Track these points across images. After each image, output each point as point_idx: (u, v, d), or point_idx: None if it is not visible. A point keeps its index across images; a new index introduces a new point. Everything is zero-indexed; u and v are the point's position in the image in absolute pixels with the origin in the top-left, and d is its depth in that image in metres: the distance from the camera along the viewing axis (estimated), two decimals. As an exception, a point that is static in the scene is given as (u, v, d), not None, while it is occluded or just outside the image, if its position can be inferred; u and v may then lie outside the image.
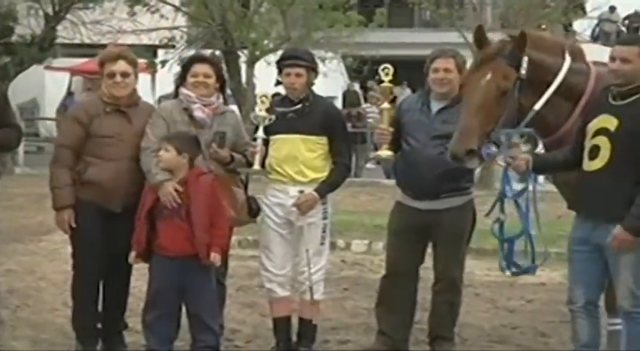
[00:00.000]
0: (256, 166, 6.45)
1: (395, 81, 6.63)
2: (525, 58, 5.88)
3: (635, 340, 5.70)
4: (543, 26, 21.30)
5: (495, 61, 5.93)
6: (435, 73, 6.49)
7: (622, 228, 5.48)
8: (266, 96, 6.52)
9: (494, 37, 15.27)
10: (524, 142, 6.28)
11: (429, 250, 6.81)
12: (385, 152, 6.46)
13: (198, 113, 6.46)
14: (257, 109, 6.47)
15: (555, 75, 5.97)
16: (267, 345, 7.01)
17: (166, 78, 17.22)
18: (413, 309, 6.78)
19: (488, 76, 5.90)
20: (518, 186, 6.27)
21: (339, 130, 6.83)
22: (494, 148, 5.92)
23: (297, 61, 6.68)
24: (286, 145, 6.53)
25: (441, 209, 6.49)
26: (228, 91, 20.66)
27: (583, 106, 5.94)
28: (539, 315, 8.26)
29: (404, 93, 26.41)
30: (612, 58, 5.59)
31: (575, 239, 5.87)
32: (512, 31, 6.39)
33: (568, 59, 6.05)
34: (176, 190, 6.20)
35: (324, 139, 6.62)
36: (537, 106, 5.92)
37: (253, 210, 6.70)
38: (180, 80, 6.65)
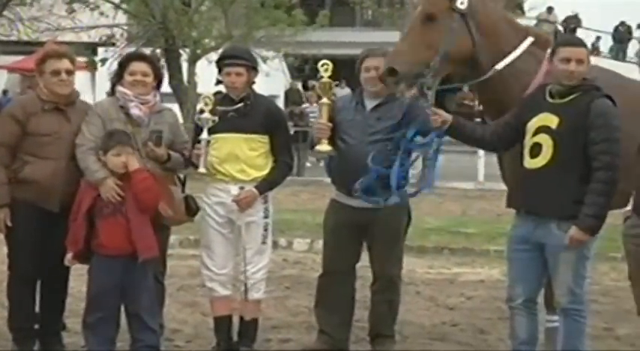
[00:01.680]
0: (202, 169, 6.41)
1: (334, 78, 6.63)
2: None
3: (572, 336, 5.75)
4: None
5: None
6: (367, 72, 6.49)
7: (577, 228, 5.52)
8: (209, 97, 6.47)
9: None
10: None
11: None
12: (324, 147, 6.42)
13: (135, 111, 6.39)
14: (199, 108, 6.44)
15: (513, 48, 6.10)
16: (207, 344, 6.97)
17: (106, 76, 17.06)
18: (352, 307, 6.79)
19: (421, 6, 6.15)
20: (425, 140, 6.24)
21: (281, 129, 6.82)
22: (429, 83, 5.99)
23: (237, 60, 6.65)
24: (228, 144, 6.50)
25: (377, 207, 6.50)
26: (170, 90, 20.76)
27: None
28: (479, 312, 8.32)
29: (343, 92, 26.50)
30: (567, 60, 5.61)
31: (515, 237, 5.91)
32: None
33: (529, 40, 6.15)
34: (118, 186, 6.15)
35: (265, 138, 6.59)
36: (499, 66, 5.99)
37: (191, 209, 6.65)
38: (117, 78, 6.57)
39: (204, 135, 6.41)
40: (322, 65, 6.46)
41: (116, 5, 22.17)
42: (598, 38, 32.58)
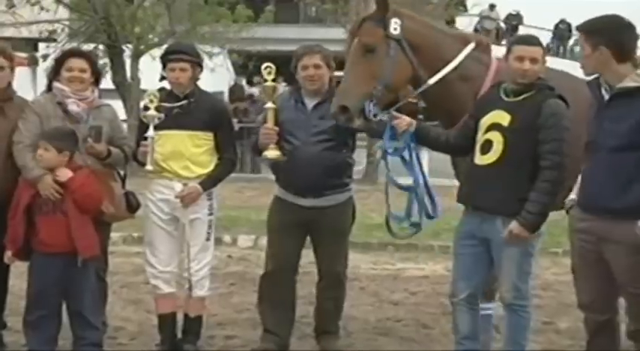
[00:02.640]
0: (149, 166, 6.38)
1: (279, 75, 6.60)
2: (395, 19, 6.13)
3: (517, 331, 5.80)
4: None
5: (363, 23, 6.23)
6: (305, 70, 6.49)
7: (518, 224, 5.56)
8: (154, 94, 6.42)
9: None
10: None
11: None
12: (273, 153, 6.36)
13: (73, 107, 6.36)
14: (143, 105, 6.40)
15: (453, 56, 6.16)
16: (151, 342, 6.93)
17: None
18: (294, 304, 6.80)
19: (357, 37, 6.18)
20: (395, 144, 6.17)
21: (225, 126, 6.81)
22: (375, 110, 6.05)
23: (182, 55, 6.61)
24: (172, 140, 6.46)
25: (324, 206, 6.51)
26: (113, 86, 20.61)
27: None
28: (422, 307, 8.37)
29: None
30: (521, 58, 5.64)
31: (461, 233, 5.94)
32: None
33: (470, 47, 6.21)
34: (57, 183, 6.08)
35: (209, 135, 6.58)
36: (431, 81, 6.05)
37: (132, 205, 6.63)
38: (54, 74, 6.52)
39: (151, 132, 6.36)
40: (265, 68, 6.43)
41: (57, 1, 21.94)
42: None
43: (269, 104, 6.38)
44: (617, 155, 5.15)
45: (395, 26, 6.13)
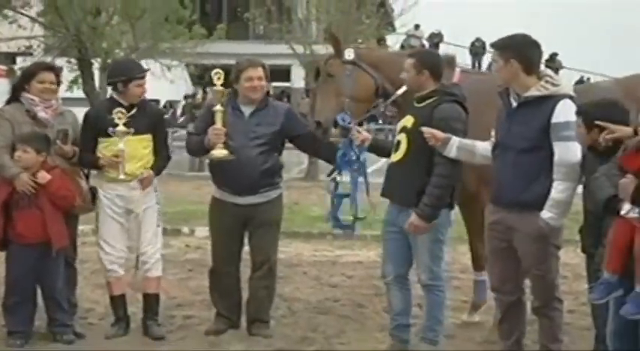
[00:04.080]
0: (122, 176, 6.39)
1: (228, 86, 6.60)
2: (348, 49, 6.49)
3: (434, 308, 5.84)
4: (360, 40, 21.70)
5: (328, 61, 6.59)
6: (250, 81, 6.46)
7: (415, 215, 5.60)
8: (122, 111, 6.39)
9: (318, 49, 15.45)
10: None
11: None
12: (221, 151, 6.35)
13: (42, 114, 6.36)
14: (116, 118, 6.39)
15: None
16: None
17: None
18: (240, 291, 6.74)
19: (318, 70, 6.64)
20: (354, 157, 6.24)
21: (163, 128, 6.89)
22: (348, 119, 6.20)
23: (145, 73, 6.71)
24: (127, 145, 6.45)
25: (258, 202, 6.48)
26: (83, 95, 20.43)
27: None
28: (357, 289, 8.36)
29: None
30: (404, 69, 5.78)
31: (386, 222, 5.97)
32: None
33: None
34: (32, 181, 6.08)
35: (150, 137, 6.60)
36: (399, 92, 6.11)
37: (95, 199, 6.62)
38: (23, 86, 6.48)
39: (121, 146, 6.36)
40: (215, 74, 6.42)
41: (33, 19, 21.76)
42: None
43: (218, 107, 6.36)
44: (523, 155, 5.22)
45: (348, 53, 6.45)
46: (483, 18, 42.29)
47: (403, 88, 6.02)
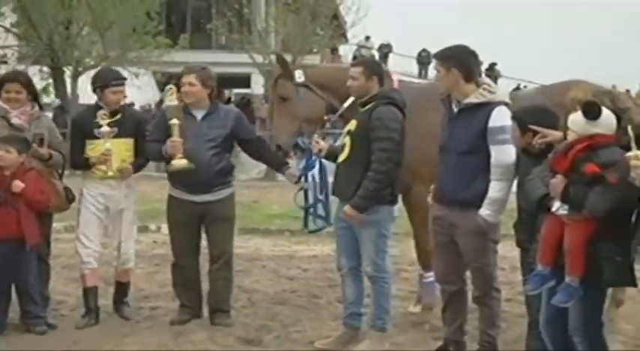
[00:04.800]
0: (110, 173, 6.45)
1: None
2: (298, 71, 6.51)
3: (379, 297, 5.85)
4: (315, 50, 21.75)
5: (277, 80, 6.56)
6: (183, 87, 6.46)
7: (349, 205, 5.64)
8: (105, 113, 6.41)
9: (275, 58, 15.20)
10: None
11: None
12: (181, 161, 6.34)
13: (15, 120, 6.32)
14: (100, 120, 6.39)
15: None
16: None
17: None
18: (200, 283, 6.72)
19: (274, 93, 6.60)
20: (313, 164, 6.34)
21: (143, 132, 6.82)
22: (306, 140, 6.31)
23: (123, 81, 6.74)
24: (113, 148, 6.46)
25: (212, 200, 6.47)
26: (57, 100, 20.25)
27: None
28: (312, 281, 8.38)
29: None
30: (350, 77, 5.79)
31: (336, 218, 5.99)
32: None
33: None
34: (8, 180, 6.04)
35: (132, 140, 6.61)
36: (345, 105, 6.09)
37: (69, 198, 6.60)
38: None
39: (108, 145, 6.40)
40: (168, 90, 6.45)
41: (7, 29, 21.53)
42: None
43: (174, 121, 6.34)
44: (463, 157, 5.26)
45: (299, 75, 6.46)
46: (429, 29, 42.53)
47: (350, 101, 6.03)
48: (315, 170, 6.35)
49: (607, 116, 4.36)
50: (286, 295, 7.74)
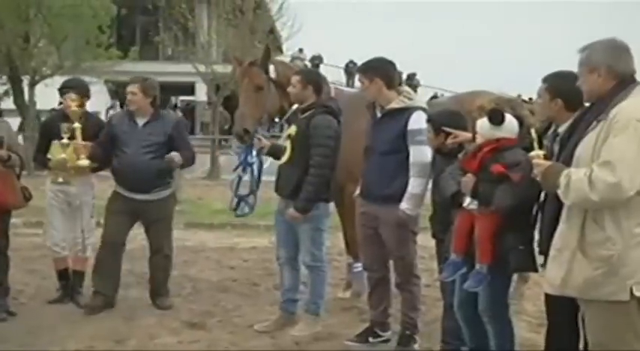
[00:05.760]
0: (60, 179, 6.57)
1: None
2: (272, 66, 6.46)
3: (316, 284, 5.91)
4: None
5: (251, 68, 6.44)
6: (127, 95, 6.49)
7: (293, 207, 5.68)
8: (68, 126, 6.40)
9: (217, 68, 15.25)
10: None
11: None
12: (84, 162, 6.41)
13: None
14: (62, 133, 6.39)
15: None
16: (46, 300, 6.80)
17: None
18: (119, 271, 6.66)
19: (247, 78, 6.41)
20: (253, 159, 6.32)
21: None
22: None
23: (67, 90, 6.69)
24: (69, 154, 6.46)
25: (152, 199, 6.44)
26: (14, 107, 19.86)
27: None
28: (252, 270, 8.36)
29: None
30: (291, 85, 5.82)
31: (276, 212, 6.02)
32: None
33: None
34: None
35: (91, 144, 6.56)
36: (294, 107, 6.05)
37: (27, 197, 6.50)
38: None
39: (64, 155, 6.45)
40: (68, 98, 6.53)
41: (-31, 41, 21.07)
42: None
43: (76, 124, 6.37)
44: (385, 157, 5.31)
45: (273, 71, 6.43)
46: (355, 43, 42.81)
47: (295, 106, 6.03)
48: (255, 165, 6.34)
49: (510, 122, 4.46)
50: (228, 283, 7.72)
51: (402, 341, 5.50)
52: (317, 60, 33.91)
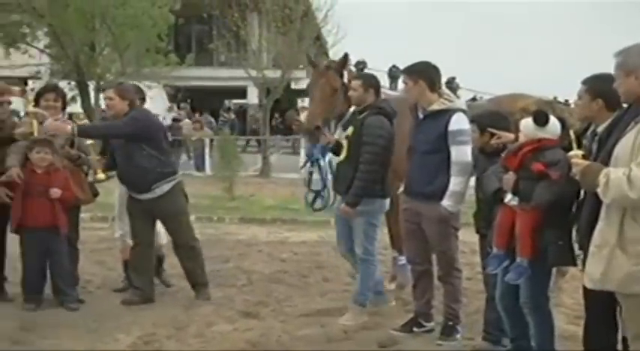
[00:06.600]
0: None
1: (199, 104, 6.59)
2: (346, 72, 6.33)
3: (366, 277, 5.88)
4: (301, 66, 21.73)
5: (328, 71, 6.30)
6: (105, 101, 6.45)
7: (345, 202, 5.67)
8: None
9: (268, 73, 15.20)
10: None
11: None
12: (98, 176, 6.50)
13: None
14: None
15: None
16: (111, 289, 6.88)
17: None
18: (152, 268, 6.63)
19: (325, 80, 6.25)
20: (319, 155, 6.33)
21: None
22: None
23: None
24: None
25: (155, 197, 6.33)
26: (80, 110, 20.18)
27: None
28: (302, 263, 8.35)
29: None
30: (351, 89, 5.79)
31: (336, 208, 6.02)
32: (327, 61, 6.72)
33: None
34: (45, 177, 6.04)
35: None
36: (351, 110, 6.02)
37: (94, 193, 6.56)
38: (35, 104, 6.42)
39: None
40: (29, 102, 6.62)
41: (41, 50, 21.53)
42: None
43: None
44: (426, 156, 5.28)
45: (346, 77, 6.30)
46: (398, 49, 42.63)
47: (352, 108, 5.98)
48: (326, 160, 6.30)
49: (553, 123, 4.42)
50: (280, 275, 7.72)
51: (445, 331, 5.45)
52: (361, 65, 33.78)
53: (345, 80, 6.27)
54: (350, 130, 5.79)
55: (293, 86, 25.39)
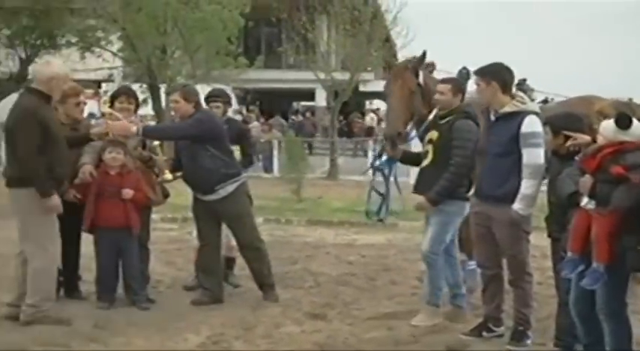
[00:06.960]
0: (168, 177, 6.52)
1: (268, 107, 6.62)
2: (422, 72, 6.20)
3: (434, 276, 5.83)
4: (369, 68, 21.70)
5: (405, 71, 6.20)
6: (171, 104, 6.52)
7: (425, 197, 5.64)
8: None
9: (336, 75, 15.22)
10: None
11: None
12: (165, 177, 6.45)
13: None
14: None
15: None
16: (181, 290, 6.95)
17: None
18: (220, 269, 6.62)
19: (401, 81, 6.14)
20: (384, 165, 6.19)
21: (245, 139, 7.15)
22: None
23: (217, 98, 6.94)
24: None
25: (218, 199, 6.33)
26: (151, 111, 20.57)
27: None
28: (370, 266, 8.31)
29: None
30: (439, 92, 5.73)
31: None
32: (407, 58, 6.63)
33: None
34: (117, 178, 6.14)
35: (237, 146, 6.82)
36: (432, 114, 5.92)
37: (165, 194, 6.64)
38: (110, 105, 6.55)
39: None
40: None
41: (114, 53, 22.02)
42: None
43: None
44: (498, 159, 5.19)
45: (421, 77, 6.18)
46: (467, 50, 42.19)
47: (434, 112, 5.89)
48: (386, 170, 6.18)
49: (637, 127, 4.31)
50: (347, 277, 7.69)
51: (515, 336, 5.34)
52: (430, 67, 33.51)
53: (421, 80, 6.16)
54: (434, 134, 5.73)
55: (361, 88, 25.37)
